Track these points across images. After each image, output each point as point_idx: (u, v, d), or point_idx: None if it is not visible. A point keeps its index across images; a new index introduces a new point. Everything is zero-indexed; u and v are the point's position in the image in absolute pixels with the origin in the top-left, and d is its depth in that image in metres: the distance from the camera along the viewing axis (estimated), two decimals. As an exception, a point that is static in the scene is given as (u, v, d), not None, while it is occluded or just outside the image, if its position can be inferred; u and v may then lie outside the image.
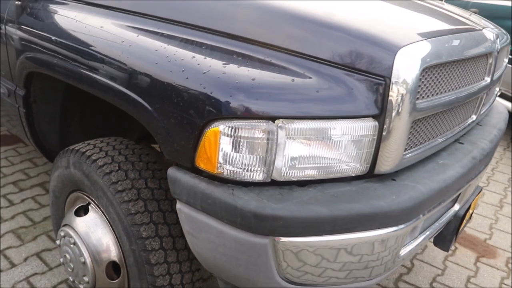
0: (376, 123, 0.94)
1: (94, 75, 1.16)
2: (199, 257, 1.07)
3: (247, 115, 0.87)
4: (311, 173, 0.94)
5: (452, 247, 2.05)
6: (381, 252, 0.99)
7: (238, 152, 0.90)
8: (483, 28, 1.31)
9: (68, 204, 1.51)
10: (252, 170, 0.91)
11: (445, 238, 1.44)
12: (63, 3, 1.40)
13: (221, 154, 0.91)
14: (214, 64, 0.94)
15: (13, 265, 1.89)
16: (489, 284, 2.01)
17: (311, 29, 0.96)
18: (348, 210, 0.90)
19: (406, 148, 1.02)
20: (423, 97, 0.98)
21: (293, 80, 0.91)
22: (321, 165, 0.94)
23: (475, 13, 1.74)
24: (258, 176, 0.92)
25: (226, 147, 0.90)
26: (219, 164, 0.92)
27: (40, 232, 2.13)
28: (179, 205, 1.02)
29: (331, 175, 0.96)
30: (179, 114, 0.95)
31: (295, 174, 0.93)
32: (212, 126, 0.89)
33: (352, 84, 0.93)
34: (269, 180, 0.93)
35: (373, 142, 0.95)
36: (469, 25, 1.26)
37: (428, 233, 1.24)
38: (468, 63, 1.15)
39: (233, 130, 0.88)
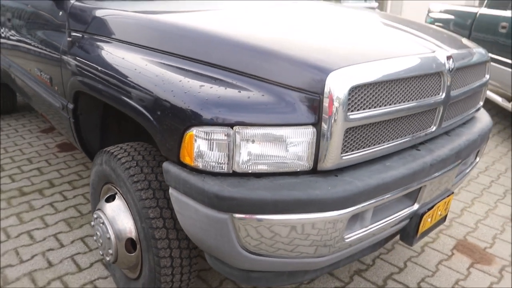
0: (314, 130, 1.23)
1: (118, 95, 1.55)
2: (187, 232, 1.40)
3: (213, 122, 1.20)
4: (263, 168, 1.24)
5: (416, 243, 2.17)
6: (322, 232, 1.26)
7: (207, 150, 1.23)
8: (435, 51, 1.54)
9: (102, 193, 1.90)
10: (218, 163, 1.23)
11: (408, 234, 1.65)
12: (101, 40, 1.83)
13: (195, 151, 1.24)
14: (193, 85, 1.28)
15: (62, 245, 2.33)
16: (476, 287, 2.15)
17: (265, 58, 1.28)
18: (287, 196, 1.19)
19: (344, 150, 1.29)
20: (353, 110, 1.25)
21: (249, 97, 1.23)
22: (270, 161, 1.24)
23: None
24: (222, 168, 1.24)
25: (199, 146, 1.23)
26: (195, 159, 1.25)
27: (86, 222, 2.57)
28: (170, 190, 1.36)
29: (280, 170, 1.25)
30: (169, 122, 1.29)
31: (250, 168, 1.24)
32: (189, 130, 1.23)
33: (295, 99, 1.23)
34: (231, 172, 1.24)
35: (313, 145, 1.24)
36: (415, 48, 1.50)
37: (382, 225, 1.48)
38: (407, 82, 1.39)
39: (203, 133, 1.21)
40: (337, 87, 1.20)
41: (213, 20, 1.70)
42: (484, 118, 2.08)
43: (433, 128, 1.63)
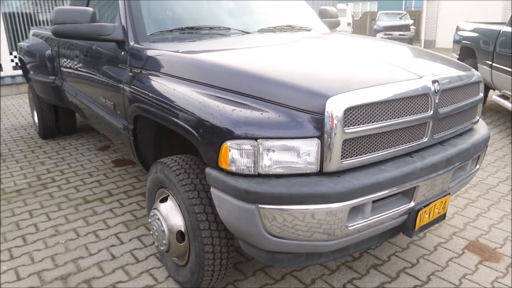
0: (319, 141, 1.61)
1: (171, 117, 2.01)
2: (224, 221, 1.81)
3: (242, 137, 1.62)
4: (280, 170, 1.64)
5: (415, 236, 2.43)
6: (328, 220, 1.63)
7: (238, 157, 1.64)
8: (422, 76, 1.89)
9: (156, 196, 2.36)
10: (246, 167, 1.64)
11: (407, 227, 1.98)
12: (156, 75, 2.31)
13: (229, 159, 1.65)
14: (227, 109, 1.71)
15: (122, 242, 2.80)
16: (483, 281, 2.40)
17: (281, 88, 1.70)
18: (299, 190, 1.58)
19: (344, 157, 1.66)
20: (348, 126, 1.63)
21: (268, 117, 1.64)
22: (286, 166, 1.63)
23: None
24: (250, 171, 1.64)
25: (232, 155, 1.65)
26: (229, 165, 1.67)
27: (140, 224, 3.04)
28: (211, 189, 1.78)
29: (294, 172, 1.64)
30: (209, 137, 1.72)
31: (271, 171, 1.64)
32: (224, 143, 1.65)
33: (303, 118, 1.62)
34: (257, 173, 1.64)
35: (318, 153, 1.62)
36: (404, 75, 1.86)
37: (381, 218, 1.82)
38: (396, 102, 1.75)
39: (235, 145, 1.63)
40: (334, 108, 1.58)
41: (241, 57, 2.13)
42: (481, 130, 2.38)
43: (425, 139, 1.96)
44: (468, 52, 6.42)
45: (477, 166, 2.40)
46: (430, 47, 18.80)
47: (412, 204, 1.93)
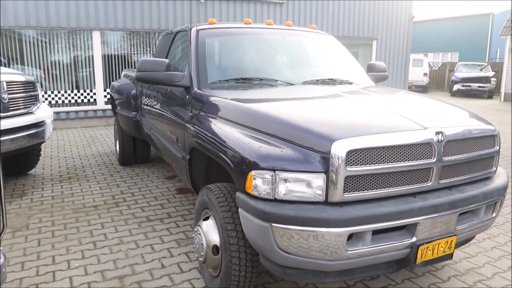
0: (325, 175, 1.98)
1: (214, 149, 2.50)
2: (247, 236, 2.20)
3: (264, 168, 2.04)
4: (292, 198, 2.02)
5: (416, 269, 2.57)
6: (328, 241, 1.96)
7: (260, 184, 2.06)
8: (427, 127, 2.19)
9: (201, 216, 2.82)
10: (266, 193, 2.05)
11: (410, 260, 2.22)
12: (209, 116, 2.84)
13: (253, 185, 2.08)
14: (255, 145, 2.15)
15: (172, 256, 3.28)
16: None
17: (297, 131, 2.11)
18: (304, 214, 1.95)
19: (346, 191, 2.01)
20: (350, 165, 1.98)
21: (286, 154, 2.05)
22: (297, 194, 2.02)
23: None
24: (269, 196, 2.05)
25: (255, 182, 2.07)
26: (253, 190, 2.09)
27: (190, 243, 3.51)
28: (239, 209, 2.20)
29: (303, 200, 2.02)
30: (240, 167, 2.17)
31: (285, 197, 2.03)
32: (250, 172, 2.08)
33: (313, 156, 2.01)
34: (273, 198, 2.04)
35: (324, 185, 1.99)
36: (407, 124, 2.18)
37: (381, 248, 2.10)
38: (396, 148, 2.07)
39: (258, 174, 2.05)
40: (338, 150, 1.96)
41: (275, 105, 2.60)
42: (498, 180, 2.56)
43: (429, 183, 2.23)
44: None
45: (493, 214, 2.56)
46: (510, 100, 17.94)
47: (413, 239, 2.18)
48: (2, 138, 4.23)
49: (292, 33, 4.00)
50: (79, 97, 9.56)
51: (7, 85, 4.44)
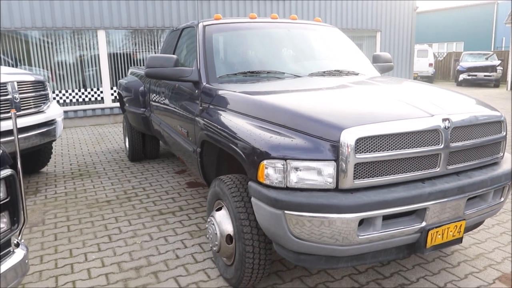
0: (335, 163, 2.04)
1: (226, 142, 2.56)
2: (260, 224, 2.26)
3: (275, 157, 2.10)
4: (304, 185, 2.08)
5: (427, 253, 2.61)
6: (340, 227, 2.02)
7: (272, 173, 2.12)
8: (433, 114, 2.24)
9: (214, 206, 2.89)
10: (278, 181, 2.11)
11: (420, 245, 2.27)
12: (219, 109, 2.90)
13: (265, 174, 2.14)
14: (266, 136, 2.21)
15: (185, 247, 3.35)
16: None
17: (307, 120, 2.17)
18: (316, 201, 2.00)
19: (356, 177, 2.06)
20: (359, 152, 2.03)
21: (296, 143, 2.11)
22: (308, 182, 2.07)
23: None
24: (280, 184, 2.11)
25: (267, 171, 2.13)
26: (265, 179, 2.15)
27: (202, 234, 3.59)
28: (252, 198, 2.27)
29: (314, 187, 2.08)
30: (252, 157, 2.23)
31: (296, 185, 2.08)
32: (262, 162, 2.14)
33: (323, 145, 2.07)
34: (285, 187, 2.10)
35: (334, 172, 2.05)
36: (414, 112, 2.22)
37: (391, 232, 2.15)
38: (405, 136, 2.12)
39: (270, 164, 2.11)
40: (347, 138, 2.01)
41: (283, 96, 2.65)
42: (505, 165, 2.60)
43: (437, 169, 2.28)
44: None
45: (501, 199, 2.60)
46: (516, 88, 17.81)
47: (423, 224, 2.23)
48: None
49: (297, 26, 4.04)
50: (86, 96, 9.66)
51: (18, 85, 4.53)
